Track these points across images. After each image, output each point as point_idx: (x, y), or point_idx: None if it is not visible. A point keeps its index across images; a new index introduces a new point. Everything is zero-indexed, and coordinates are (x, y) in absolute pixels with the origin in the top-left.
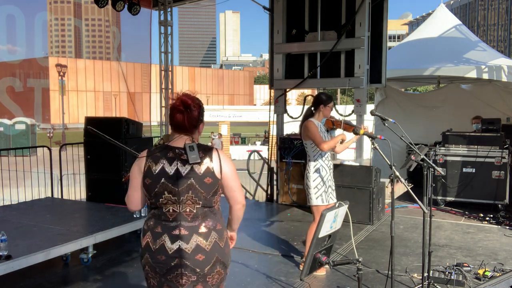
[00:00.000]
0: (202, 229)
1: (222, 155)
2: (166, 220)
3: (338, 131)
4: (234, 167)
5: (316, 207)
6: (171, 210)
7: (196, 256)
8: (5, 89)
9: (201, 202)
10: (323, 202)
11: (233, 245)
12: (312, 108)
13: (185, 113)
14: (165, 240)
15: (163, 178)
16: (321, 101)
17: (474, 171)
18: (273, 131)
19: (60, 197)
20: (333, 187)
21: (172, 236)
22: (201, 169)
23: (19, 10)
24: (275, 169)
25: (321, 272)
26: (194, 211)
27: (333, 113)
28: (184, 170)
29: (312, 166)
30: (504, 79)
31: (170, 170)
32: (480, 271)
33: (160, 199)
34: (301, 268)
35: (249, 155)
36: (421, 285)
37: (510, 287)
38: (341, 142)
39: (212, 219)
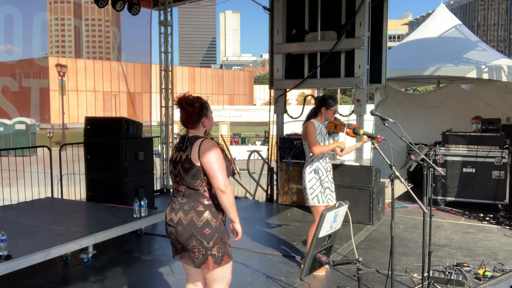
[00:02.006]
0: (186, 206)
1: (205, 145)
2: (172, 195)
3: (342, 135)
4: (215, 155)
5: (315, 208)
6: (174, 187)
7: (178, 227)
8: (0, 89)
9: (185, 184)
10: (319, 203)
11: (238, 239)
12: (316, 109)
13: (182, 111)
14: (168, 210)
15: (171, 162)
16: (323, 104)
17: (474, 171)
18: (273, 131)
19: (60, 197)
20: (332, 189)
21: (171, 208)
22: (184, 155)
23: (17, 10)
24: (275, 169)
25: (321, 272)
26: (183, 190)
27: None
28: (178, 156)
29: (308, 167)
30: (504, 79)
31: (174, 156)
32: (480, 271)
33: (170, 177)
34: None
35: (249, 155)
36: (421, 285)
37: (510, 287)
38: (341, 150)
39: (195, 200)
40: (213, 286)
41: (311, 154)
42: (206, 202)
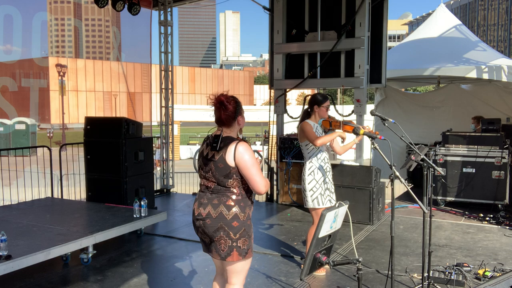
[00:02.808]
0: (215, 201)
1: (240, 148)
2: (200, 190)
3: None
4: (252, 160)
5: (314, 210)
6: (202, 183)
7: (207, 220)
8: None
9: (216, 181)
10: (319, 205)
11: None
12: (309, 109)
13: (221, 109)
14: (196, 205)
15: (201, 158)
16: (315, 102)
17: (474, 171)
18: (273, 131)
19: (60, 197)
20: (332, 190)
21: (199, 202)
22: (218, 155)
23: (17, 10)
24: (275, 169)
25: (321, 272)
26: (213, 187)
27: (333, 113)
28: (210, 154)
29: (307, 168)
30: (504, 79)
31: (204, 152)
32: (480, 271)
33: (199, 173)
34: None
35: None
36: (421, 285)
37: (510, 287)
38: (342, 142)
39: (225, 196)
40: (232, 278)
41: (309, 154)
42: (234, 198)
